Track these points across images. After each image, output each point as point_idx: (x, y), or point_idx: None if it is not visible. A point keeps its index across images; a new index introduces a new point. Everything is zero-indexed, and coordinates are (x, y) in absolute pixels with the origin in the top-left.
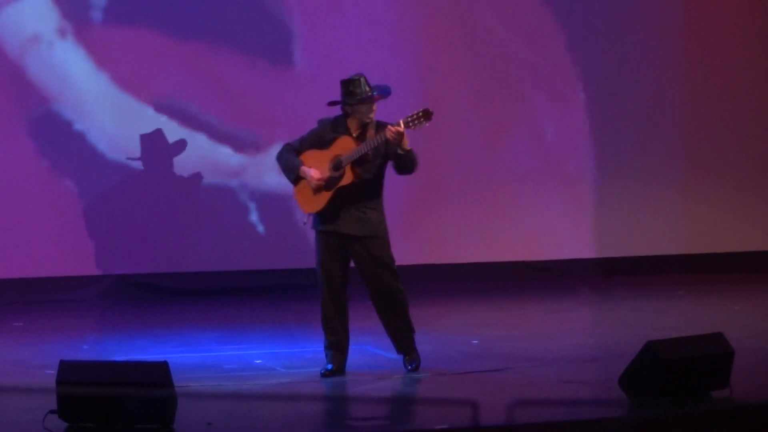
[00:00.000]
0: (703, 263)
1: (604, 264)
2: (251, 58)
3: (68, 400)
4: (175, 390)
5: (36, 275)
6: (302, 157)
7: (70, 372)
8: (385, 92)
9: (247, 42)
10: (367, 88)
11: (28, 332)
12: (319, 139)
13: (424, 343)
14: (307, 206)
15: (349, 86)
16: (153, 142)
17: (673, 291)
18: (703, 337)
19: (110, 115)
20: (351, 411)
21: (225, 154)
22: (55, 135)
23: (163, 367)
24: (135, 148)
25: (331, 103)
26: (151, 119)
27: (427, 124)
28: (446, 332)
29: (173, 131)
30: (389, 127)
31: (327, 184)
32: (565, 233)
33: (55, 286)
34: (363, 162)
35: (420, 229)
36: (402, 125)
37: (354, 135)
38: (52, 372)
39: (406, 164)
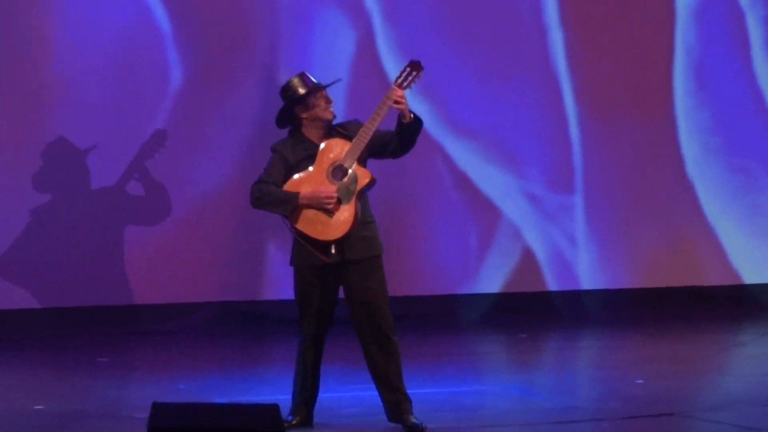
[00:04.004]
0: None
1: None
2: None
3: None
4: None
5: (122, 303)
6: (287, 188)
7: (164, 416)
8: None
9: None
10: (313, 80)
11: (114, 369)
12: (286, 163)
13: (581, 382)
14: (333, 231)
15: (293, 88)
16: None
17: None
18: None
19: None
20: None
21: None
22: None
23: (272, 410)
24: None
25: (281, 118)
26: None
27: (420, 77)
28: (607, 369)
29: None
30: (388, 94)
31: (344, 196)
32: (744, 254)
33: (146, 315)
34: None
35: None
36: (396, 88)
37: (318, 144)
38: (143, 416)
39: (413, 135)
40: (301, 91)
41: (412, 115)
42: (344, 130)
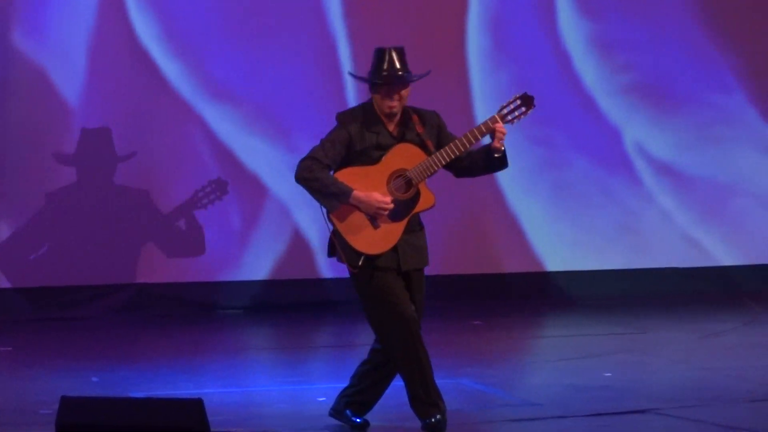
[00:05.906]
0: None
1: None
2: None
3: None
4: None
5: (28, 285)
6: (340, 178)
7: (73, 411)
8: (412, 78)
9: None
10: (397, 66)
11: (18, 359)
12: (350, 146)
13: (539, 374)
14: (371, 245)
15: (375, 59)
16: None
17: None
18: None
19: None
20: None
21: (276, 151)
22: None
23: (196, 406)
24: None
25: (359, 78)
26: None
27: (528, 115)
28: (570, 361)
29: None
30: (487, 123)
31: (397, 211)
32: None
33: (53, 298)
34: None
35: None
36: (500, 121)
37: (391, 130)
38: (50, 412)
39: (492, 171)
40: (381, 70)
41: (503, 150)
42: (420, 120)
